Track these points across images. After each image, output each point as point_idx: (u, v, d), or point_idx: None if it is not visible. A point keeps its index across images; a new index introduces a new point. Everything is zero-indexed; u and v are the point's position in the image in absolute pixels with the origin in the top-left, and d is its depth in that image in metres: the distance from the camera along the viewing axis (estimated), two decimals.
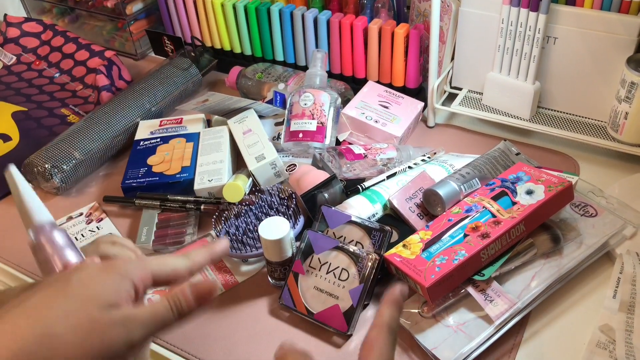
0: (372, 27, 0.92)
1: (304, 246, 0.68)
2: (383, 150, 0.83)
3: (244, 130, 0.86)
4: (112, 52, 1.11)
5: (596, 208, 0.71)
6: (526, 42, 0.82)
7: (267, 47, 1.06)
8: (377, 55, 0.95)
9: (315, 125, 0.85)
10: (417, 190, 0.75)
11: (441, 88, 0.94)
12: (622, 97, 0.77)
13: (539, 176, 0.69)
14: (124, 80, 1.08)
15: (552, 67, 0.85)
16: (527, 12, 0.80)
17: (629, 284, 0.63)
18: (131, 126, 0.94)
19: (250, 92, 1.01)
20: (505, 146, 0.81)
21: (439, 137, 0.93)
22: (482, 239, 0.63)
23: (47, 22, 1.21)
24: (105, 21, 1.23)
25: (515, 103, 0.88)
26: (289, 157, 0.86)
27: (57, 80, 1.14)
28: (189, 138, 0.89)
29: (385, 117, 0.89)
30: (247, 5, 1.02)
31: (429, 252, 0.64)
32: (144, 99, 0.96)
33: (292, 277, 0.67)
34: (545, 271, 0.65)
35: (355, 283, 0.64)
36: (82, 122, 0.92)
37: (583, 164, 0.84)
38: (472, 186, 0.73)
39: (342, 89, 0.96)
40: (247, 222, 0.74)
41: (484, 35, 0.87)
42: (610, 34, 0.77)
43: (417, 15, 0.98)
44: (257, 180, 0.82)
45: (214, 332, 0.67)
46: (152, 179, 0.83)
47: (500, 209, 0.66)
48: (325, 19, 0.96)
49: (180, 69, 1.03)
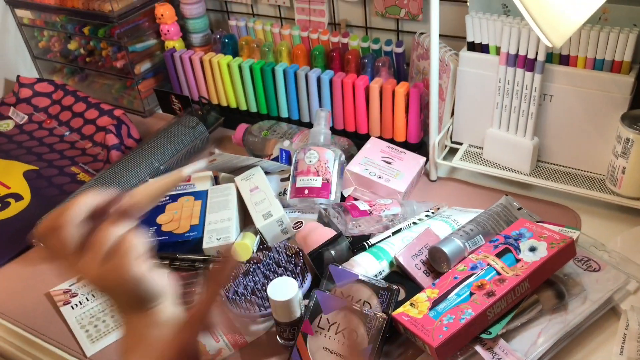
0: (374, 86, 0.95)
1: (312, 306, 0.69)
2: (387, 207, 0.85)
3: (251, 188, 0.89)
4: (121, 111, 1.14)
5: (599, 263, 0.73)
6: (523, 99, 0.85)
7: (272, 105, 1.09)
8: (379, 112, 0.98)
9: (321, 182, 0.87)
10: (423, 247, 0.76)
11: (442, 143, 0.97)
12: (619, 153, 0.80)
13: (541, 233, 0.70)
14: (132, 139, 1.11)
15: (550, 123, 0.87)
16: (523, 72, 0.83)
17: (635, 341, 0.64)
18: (140, 185, 0.96)
19: (256, 149, 1.03)
20: (507, 201, 0.83)
21: (441, 191, 0.95)
22: (488, 297, 0.64)
23: (58, 82, 1.25)
24: (114, 80, 1.27)
25: (515, 158, 0.90)
26: (295, 214, 0.88)
27: (67, 138, 1.17)
28: (197, 196, 0.91)
29: (389, 173, 0.92)
30: (252, 65, 1.06)
31: (436, 310, 0.65)
32: (153, 157, 0.99)
33: (301, 337, 0.68)
34: (552, 327, 0.65)
35: (364, 344, 0.65)
36: (93, 181, 0.94)
37: (584, 217, 0.85)
38: (476, 243, 0.74)
39: (345, 145, 0.99)
40: (255, 281, 0.76)
41: (482, 93, 0.90)
42: (603, 92, 0.80)
43: (417, 73, 1.01)
44: (264, 238, 0.83)
45: None
46: (161, 238, 0.85)
47: (505, 266, 0.68)
48: (327, 78, 1.00)
49: (188, 127, 1.06)
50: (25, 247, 0.90)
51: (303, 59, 1.07)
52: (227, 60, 1.09)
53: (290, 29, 1.10)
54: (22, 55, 1.33)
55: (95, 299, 0.81)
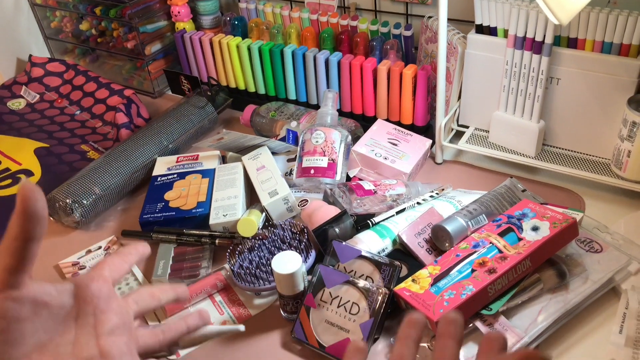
0: (381, 68, 0.96)
1: (316, 280, 0.70)
2: (392, 187, 0.86)
3: (258, 167, 0.90)
4: (131, 91, 1.16)
5: (601, 244, 0.73)
6: (530, 82, 0.86)
7: (280, 87, 1.10)
8: (386, 94, 0.98)
9: (327, 162, 0.88)
10: (426, 225, 0.77)
11: (449, 126, 0.97)
12: (625, 136, 0.80)
13: (544, 213, 0.71)
14: (142, 118, 1.13)
15: (556, 106, 0.87)
16: (531, 54, 0.83)
17: (634, 319, 0.64)
18: (149, 163, 0.97)
19: (264, 130, 1.04)
20: (512, 183, 0.83)
21: (446, 174, 0.95)
22: (489, 274, 0.65)
23: (70, 62, 1.27)
24: (125, 61, 1.28)
25: (520, 141, 0.91)
26: (300, 193, 0.89)
27: (77, 117, 1.19)
28: (205, 174, 0.93)
29: (394, 154, 0.92)
30: (261, 46, 1.07)
31: (438, 286, 0.66)
32: (162, 136, 1.00)
33: (304, 310, 0.69)
34: (552, 306, 0.66)
35: (366, 317, 0.66)
36: (102, 158, 0.95)
37: (588, 200, 0.86)
38: (479, 222, 0.75)
39: (352, 126, 1.00)
40: (260, 256, 0.77)
41: (489, 76, 0.90)
42: (611, 75, 0.80)
43: (425, 57, 1.02)
44: (270, 215, 0.84)
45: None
46: (168, 214, 0.86)
47: (507, 244, 0.68)
48: (336, 60, 1.00)
49: (196, 107, 1.07)
50: None
51: (312, 41, 1.07)
52: (236, 42, 1.09)
53: (300, 12, 1.10)
54: (35, 36, 1.34)
55: None
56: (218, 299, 0.77)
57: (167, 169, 0.95)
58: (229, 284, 0.78)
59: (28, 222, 0.38)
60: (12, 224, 0.38)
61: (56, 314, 0.41)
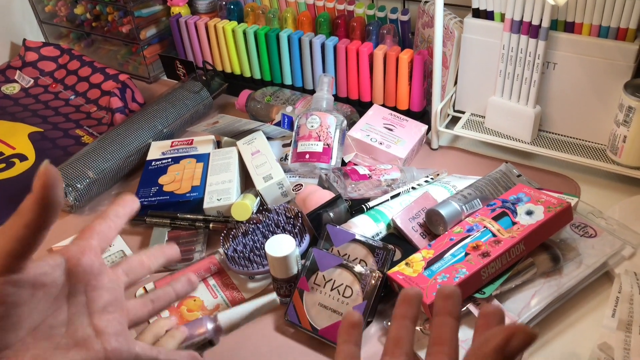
0: (378, 52, 0.95)
1: (309, 264, 0.70)
2: (387, 171, 0.85)
3: (253, 151, 0.89)
4: (126, 76, 1.15)
5: (596, 229, 0.73)
6: (526, 67, 0.85)
7: (276, 72, 1.09)
8: (382, 79, 0.98)
9: (322, 147, 0.87)
10: (420, 210, 0.77)
11: (444, 111, 0.96)
12: (620, 121, 0.79)
13: (539, 197, 0.71)
14: (137, 103, 1.12)
15: (552, 91, 0.87)
16: (527, 38, 0.83)
17: (627, 303, 0.64)
18: (143, 147, 0.97)
19: (259, 115, 1.04)
20: (507, 168, 0.83)
21: (442, 159, 0.95)
22: (483, 258, 0.65)
23: (64, 47, 1.26)
24: (120, 46, 1.27)
25: (516, 126, 0.90)
26: (295, 178, 0.89)
27: (72, 102, 1.18)
28: (199, 159, 0.92)
29: (390, 140, 0.92)
30: (257, 31, 1.06)
31: (431, 270, 0.66)
32: (156, 120, 1.00)
33: (298, 293, 0.69)
34: (545, 290, 0.66)
35: (359, 300, 0.66)
36: (96, 142, 0.95)
37: (584, 186, 0.85)
38: (473, 207, 0.75)
39: (347, 111, 0.99)
40: (255, 240, 0.77)
41: (485, 61, 0.90)
42: (607, 60, 0.80)
43: (422, 42, 1.01)
44: (264, 200, 0.84)
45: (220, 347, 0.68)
46: (162, 198, 0.86)
47: (501, 228, 0.68)
48: (332, 44, 0.99)
49: (191, 92, 1.07)
50: None
51: (308, 26, 1.06)
52: (232, 26, 1.09)
53: None
54: (29, 20, 1.33)
55: None
56: (212, 283, 0.77)
57: (162, 154, 0.94)
58: (222, 268, 0.78)
59: (45, 211, 0.36)
60: (26, 211, 0.36)
61: (49, 293, 0.40)
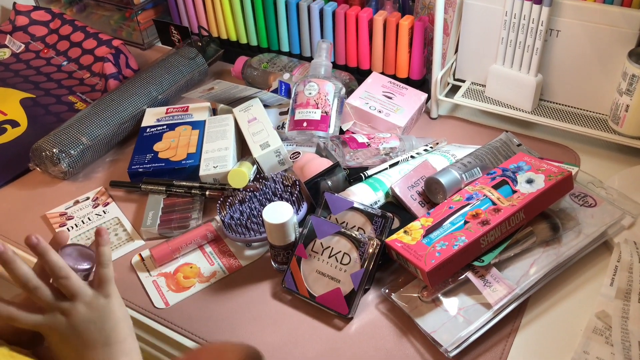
0: (377, 18, 0.93)
1: (307, 231, 0.69)
2: (386, 140, 0.84)
3: (249, 119, 0.88)
4: (119, 41, 1.12)
5: (595, 199, 0.72)
6: (529, 34, 0.83)
7: (273, 38, 1.07)
8: (382, 46, 0.96)
9: (320, 115, 0.86)
10: (419, 178, 0.76)
11: (445, 80, 0.95)
12: (624, 90, 0.78)
13: (540, 166, 0.70)
14: (131, 69, 1.10)
15: (555, 59, 0.85)
16: (531, 4, 0.81)
17: (626, 271, 0.64)
18: (138, 113, 0.95)
19: (256, 82, 1.02)
20: (507, 137, 0.82)
21: (441, 128, 0.94)
22: (482, 226, 0.64)
23: (56, 11, 1.23)
24: (113, 11, 1.24)
25: (517, 95, 0.89)
26: (293, 146, 0.88)
27: (65, 68, 1.15)
28: (195, 126, 0.91)
29: (389, 108, 0.90)
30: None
31: (430, 238, 0.65)
32: (151, 87, 0.98)
33: (295, 261, 0.69)
34: (544, 259, 0.66)
35: (357, 267, 0.66)
36: (90, 108, 0.93)
37: (584, 156, 0.85)
38: (473, 175, 0.74)
39: (346, 79, 0.98)
40: (252, 208, 0.76)
41: (487, 28, 0.88)
42: (612, 27, 0.78)
43: (422, 8, 0.99)
44: (261, 168, 0.83)
45: (217, 313, 0.68)
46: (158, 165, 0.84)
47: (501, 197, 0.67)
48: (331, 10, 0.97)
49: (186, 58, 1.04)
50: (23, 171, 0.90)
51: None
52: None
53: None
54: None
55: (91, 222, 0.81)
56: (208, 250, 0.76)
57: (157, 120, 0.93)
58: (219, 235, 0.77)
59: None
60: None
61: None
